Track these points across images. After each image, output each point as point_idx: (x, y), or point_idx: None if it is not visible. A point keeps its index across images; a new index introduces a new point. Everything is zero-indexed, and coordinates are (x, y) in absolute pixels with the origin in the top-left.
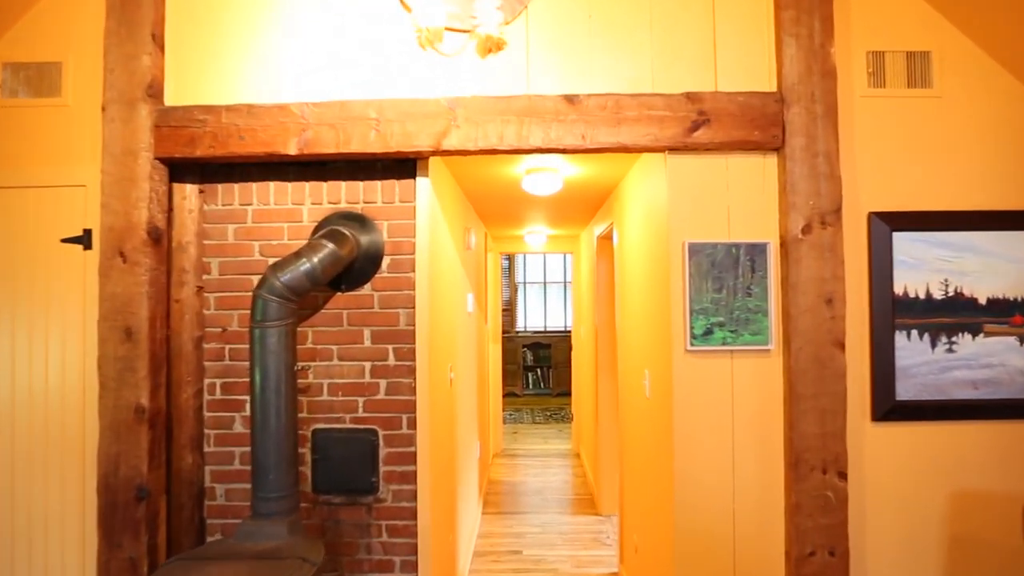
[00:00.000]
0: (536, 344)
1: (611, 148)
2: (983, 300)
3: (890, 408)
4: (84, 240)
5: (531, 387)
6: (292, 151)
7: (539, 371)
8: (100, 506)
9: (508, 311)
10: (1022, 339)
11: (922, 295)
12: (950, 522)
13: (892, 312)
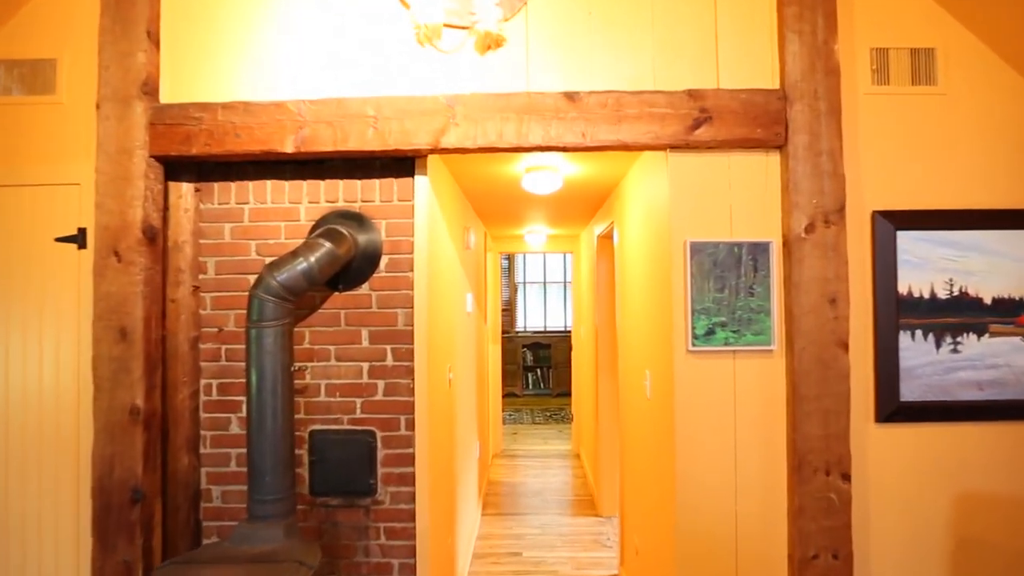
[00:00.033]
0: (536, 344)
1: (612, 146)
2: (988, 300)
3: (894, 409)
4: (79, 239)
5: (531, 387)
6: (289, 149)
7: (539, 371)
8: (94, 508)
9: (508, 311)
10: None
11: (927, 295)
12: (955, 525)
13: (896, 312)
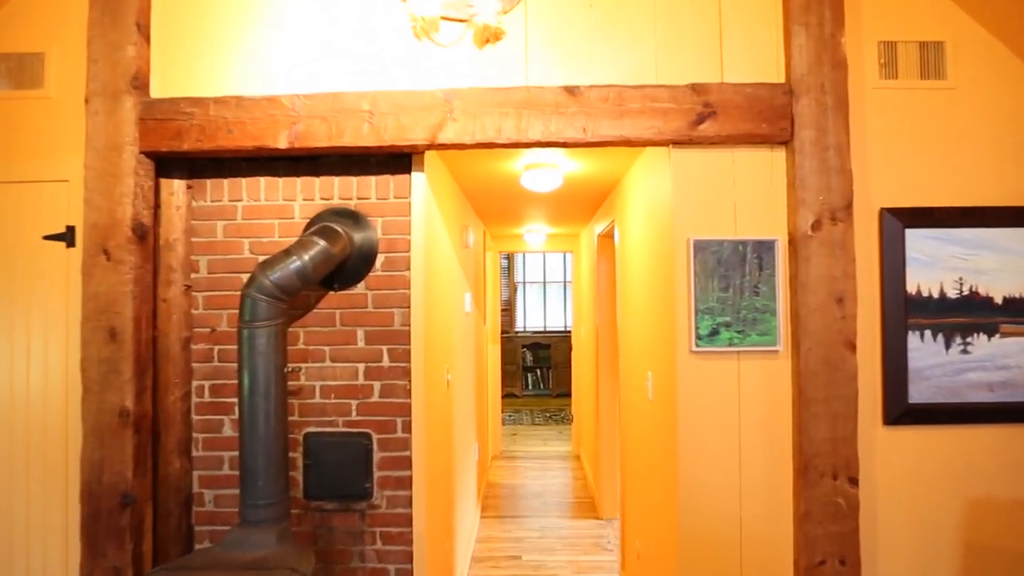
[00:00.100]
0: (536, 344)
1: (613, 141)
2: (999, 299)
3: (903, 411)
4: (67, 237)
5: (530, 388)
6: (282, 145)
7: (539, 372)
8: (83, 514)
9: (507, 311)
10: None
11: (936, 294)
12: (964, 529)
13: (905, 312)
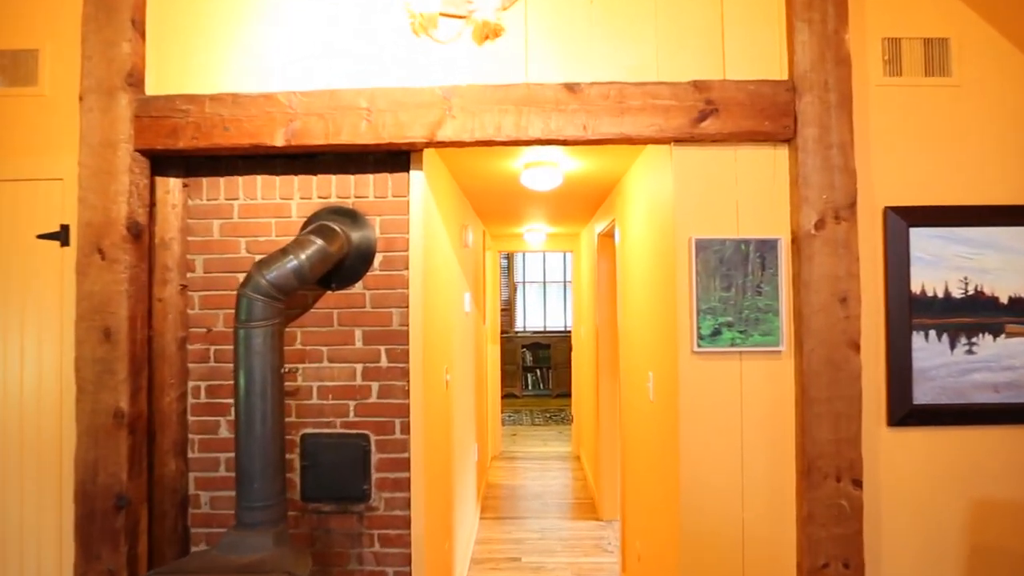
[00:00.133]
0: (535, 344)
1: (614, 139)
2: (1004, 299)
3: (907, 412)
4: (61, 236)
5: (530, 388)
6: (279, 142)
7: (538, 372)
8: (77, 515)
9: (507, 311)
10: None
11: (940, 294)
12: (970, 532)
13: (909, 312)
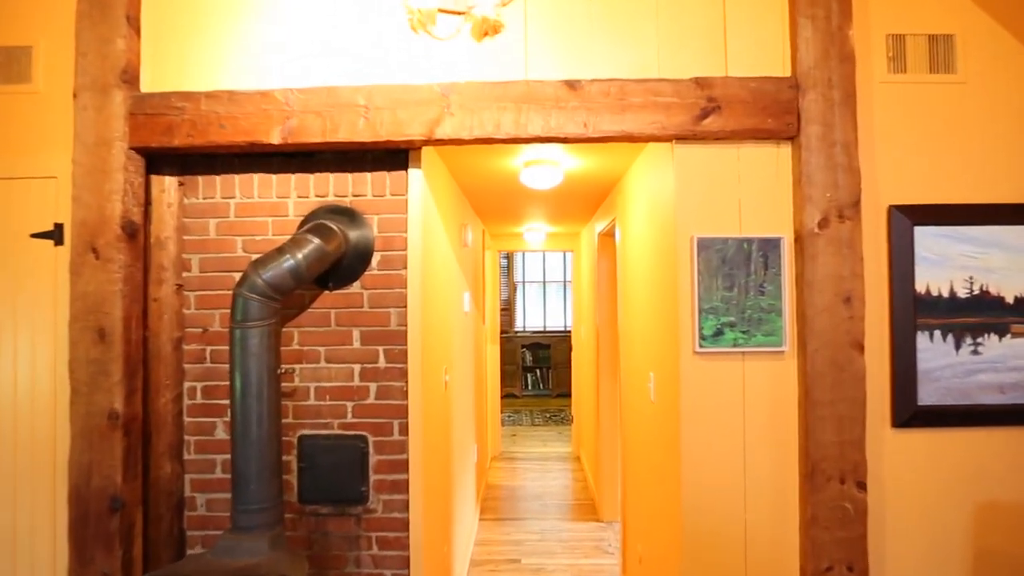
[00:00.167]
0: (535, 344)
1: (615, 137)
2: (1010, 299)
3: (912, 414)
4: (55, 235)
5: (530, 388)
6: (275, 140)
7: (538, 372)
8: (71, 518)
9: (507, 310)
10: None
11: (945, 293)
12: (975, 535)
13: (914, 312)
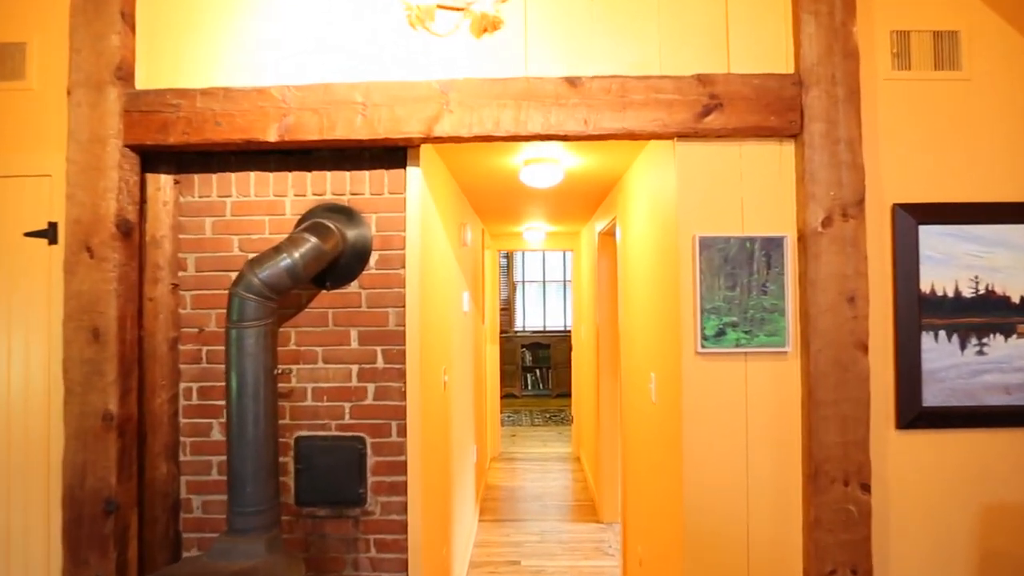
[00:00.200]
0: (535, 344)
1: (616, 134)
2: (1016, 299)
3: (916, 415)
4: (49, 234)
5: (530, 388)
6: (272, 138)
7: (538, 372)
8: (64, 520)
9: (506, 310)
10: None
11: (950, 293)
12: (981, 537)
13: (918, 311)
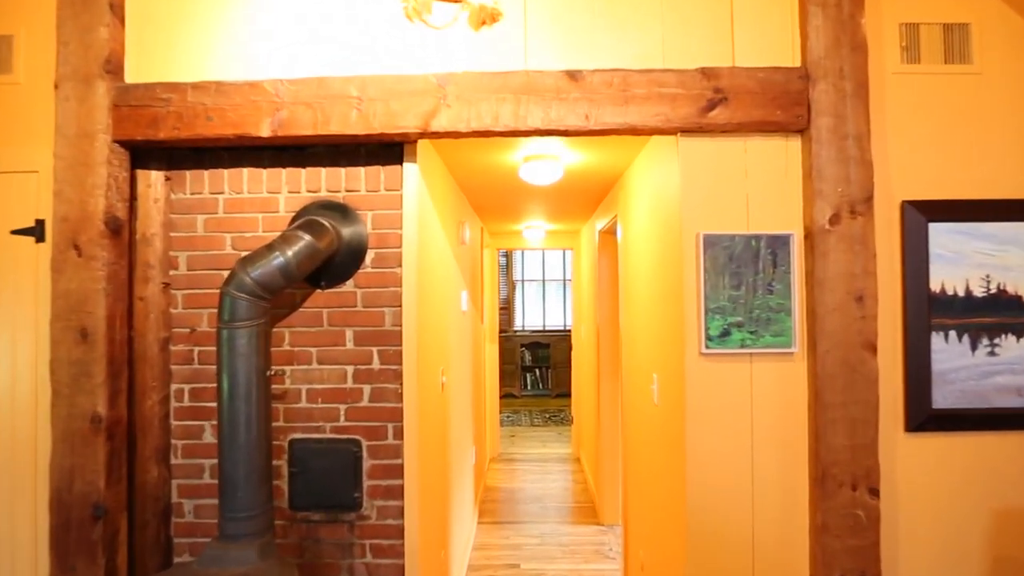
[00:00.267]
0: (535, 344)
1: (618, 129)
2: None
3: (926, 417)
4: (36, 232)
5: (529, 388)
6: (265, 133)
7: (537, 371)
8: (52, 526)
9: (506, 309)
10: None
11: (961, 292)
12: (992, 542)
13: (928, 311)
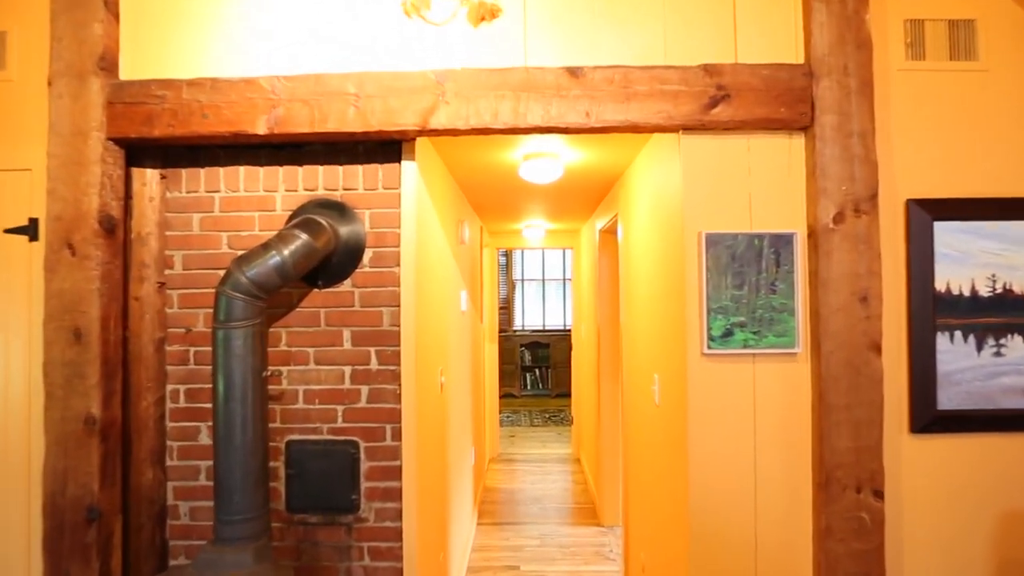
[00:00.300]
0: (534, 343)
1: (619, 127)
2: None
3: (931, 419)
4: (30, 231)
5: (529, 388)
6: (261, 130)
7: (537, 371)
8: (45, 529)
9: (505, 309)
10: None
11: (967, 292)
12: (998, 546)
13: (933, 311)
